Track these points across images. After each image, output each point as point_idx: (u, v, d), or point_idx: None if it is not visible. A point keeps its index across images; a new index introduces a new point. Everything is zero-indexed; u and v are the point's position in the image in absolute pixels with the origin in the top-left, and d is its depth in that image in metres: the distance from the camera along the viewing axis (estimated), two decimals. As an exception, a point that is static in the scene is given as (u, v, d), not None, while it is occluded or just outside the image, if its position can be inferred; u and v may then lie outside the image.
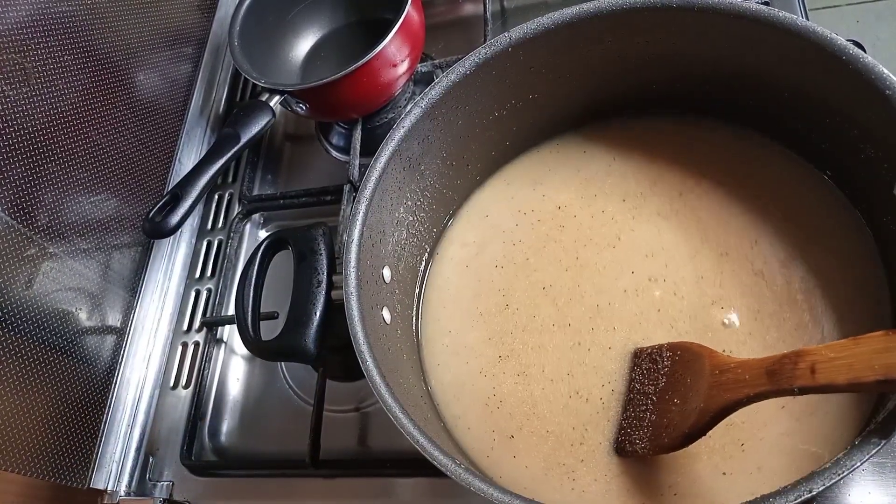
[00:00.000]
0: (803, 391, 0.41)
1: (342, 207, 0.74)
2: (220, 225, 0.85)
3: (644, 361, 0.54)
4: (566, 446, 0.55)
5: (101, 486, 0.70)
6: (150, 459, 0.72)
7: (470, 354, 0.60)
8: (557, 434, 0.55)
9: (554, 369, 0.58)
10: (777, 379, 0.42)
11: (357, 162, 0.78)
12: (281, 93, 0.75)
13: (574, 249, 0.63)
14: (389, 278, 0.59)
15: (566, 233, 0.64)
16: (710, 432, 0.47)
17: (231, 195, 0.87)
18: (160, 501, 0.70)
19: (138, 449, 0.73)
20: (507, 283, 0.63)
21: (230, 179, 0.88)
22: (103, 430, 0.71)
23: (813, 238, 0.57)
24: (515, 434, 0.56)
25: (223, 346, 0.78)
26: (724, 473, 0.51)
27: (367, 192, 0.55)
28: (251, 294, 0.62)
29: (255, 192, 0.86)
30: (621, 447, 0.53)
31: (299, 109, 0.78)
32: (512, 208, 0.66)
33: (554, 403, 0.57)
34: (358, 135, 0.80)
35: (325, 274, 0.60)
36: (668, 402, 0.50)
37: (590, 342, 0.58)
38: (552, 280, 0.62)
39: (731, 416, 0.46)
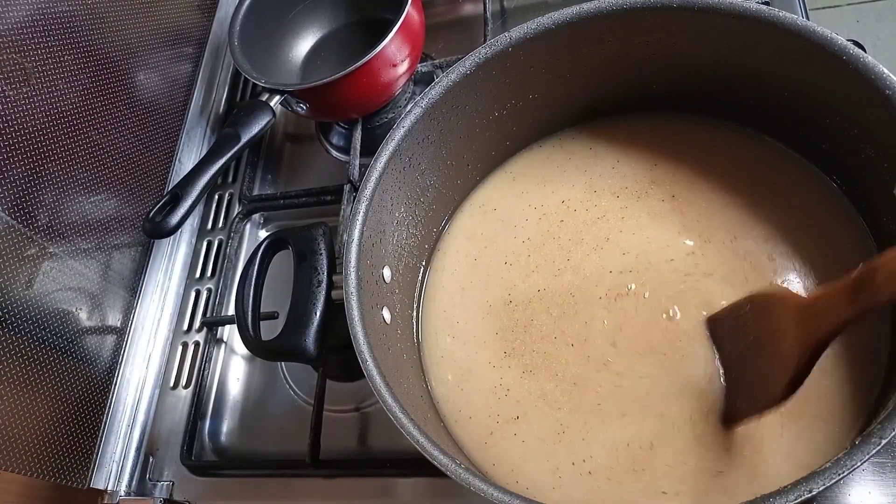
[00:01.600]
0: (892, 301, 0.40)
1: (342, 207, 0.74)
2: (220, 225, 0.85)
3: (725, 325, 0.53)
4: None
5: (101, 486, 0.70)
6: (151, 459, 0.72)
7: (479, 345, 0.60)
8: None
9: (567, 375, 0.57)
10: (864, 296, 0.41)
11: (357, 162, 0.78)
12: (281, 93, 0.75)
13: (568, 248, 0.63)
14: (389, 278, 0.59)
15: (565, 229, 0.64)
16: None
17: (231, 195, 0.87)
18: (160, 501, 0.70)
19: (138, 449, 0.73)
20: (512, 280, 0.63)
21: (230, 179, 0.88)
22: (103, 430, 0.71)
23: (811, 239, 0.57)
24: (521, 416, 0.56)
25: (223, 346, 0.78)
26: (720, 472, 0.51)
27: (367, 192, 0.55)
28: (251, 294, 0.62)
29: (256, 192, 0.86)
30: (731, 415, 0.51)
31: (299, 109, 0.78)
32: (522, 203, 0.66)
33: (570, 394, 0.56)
34: (358, 135, 0.80)
35: (326, 274, 0.59)
36: (762, 356, 0.49)
37: (609, 373, 0.57)
38: (546, 283, 0.62)
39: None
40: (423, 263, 0.65)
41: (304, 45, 0.89)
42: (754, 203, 0.60)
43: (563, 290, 0.61)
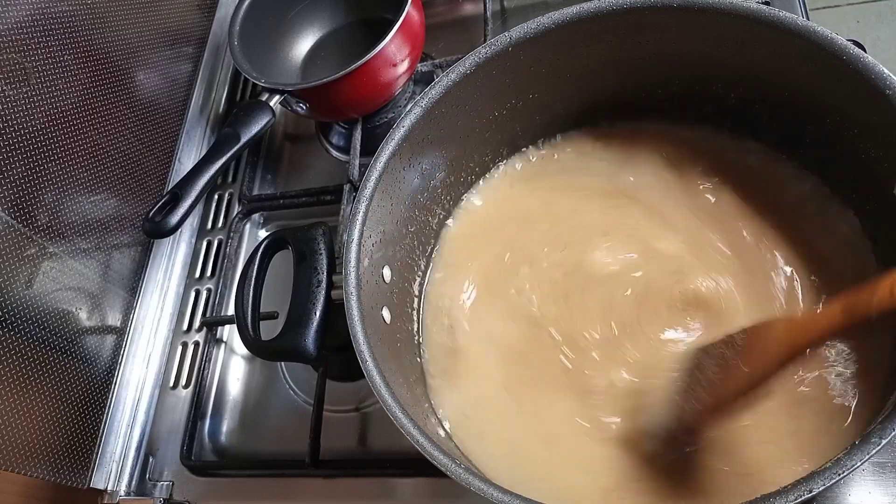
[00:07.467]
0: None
1: (342, 207, 0.74)
2: (219, 225, 0.85)
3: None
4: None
5: (101, 486, 0.70)
6: (150, 459, 0.72)
7: (479, 344, 0.60)
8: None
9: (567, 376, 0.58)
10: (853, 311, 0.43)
11: (357, 162, 0.78)
12: (281, 92, 0.75)
13: (567, 248, 0.63)
14: (389, 278, 0.59)
15: (564, 228, 0.64)
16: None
17: (231, 195, 0.87)
18: (160, 501, 0.69)
19: (138, 449, 0.73)
20: (511, 279, 0.62)
21: (230, 179, 0.88)
22: (103, 430, 0.71)
23: (808, 240, 0.57)
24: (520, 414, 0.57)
25: (223, 345, 0.78)
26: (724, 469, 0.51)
27: (367, 192, 0.55)
28: (251, 294, 0.62)
29: (255, 192, 0.86)
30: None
31: (299, 109, 0.77)
32: (522, 203, 0.66)
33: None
34: (358, 134, 0.80)
35: (325, 274, 0.59)
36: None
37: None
38: (546, 283, 0.62)
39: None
40: (423, 263, 0.65)
41: (304, 44, 0.89)
42: (750, 202, 0.60)
43: (563, 288, 0.61)
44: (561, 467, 0.54)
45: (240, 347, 0.77)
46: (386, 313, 0.57)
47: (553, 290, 0.61)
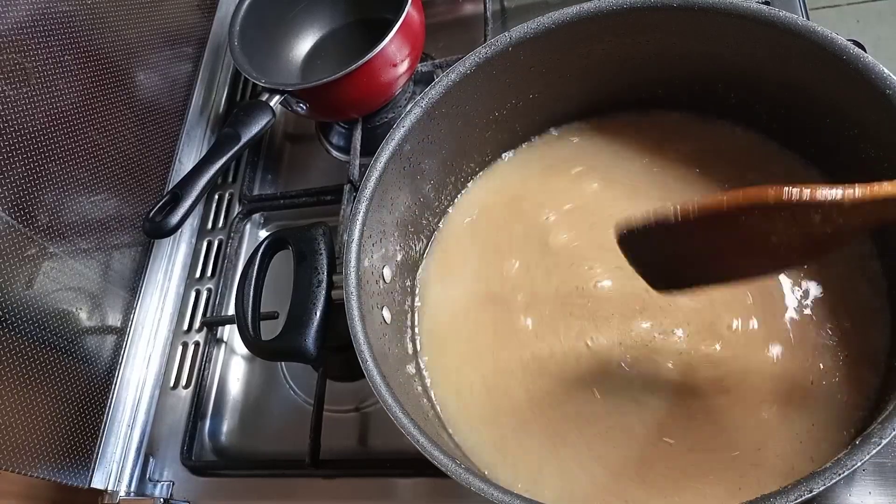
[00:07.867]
0: None
1: (342, 207, 0.74)
2: (220, 225, 0.85)
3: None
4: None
5: (101, 486, 0.70)
6: (151, 459, 0.72)
7: (478, 343, 0.60)
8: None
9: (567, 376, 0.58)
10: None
11: (357, 162, 0.78)
12: (281, 93, 0.75)
13: (565, 246, 0.63)
14: (389, 278, 0.59)
15: (563, 226, 0.64)
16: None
17: (231, 195, 0.87)
18: (160, 501, 0.69)
19: (138, 449, 0.73)
20: (510, 279, 0.63)
21: (230, 179, 0.88)
22: (103, 430, 0.71)
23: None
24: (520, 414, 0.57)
25: (223, 346, 0.78)
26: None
27: (368, 192, 0.55)
28: (251, 294, 0.62)
29: (256, 192, 0.86)
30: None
31: (299, 109, 0.78)
32: (520, 202, 0.66)
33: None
34: (358, 134, 0.80)
35: (326, 274, 0.59)
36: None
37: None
38: (544, 282, 0.62)
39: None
40: (424, 262, 0.65)
41: (304, 44, 0.89)
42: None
43: (560, 287, 0.61)
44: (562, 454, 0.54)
45: (240, 347, 0.77)
46: (386, 313, 0.57)
47: (555, 281, 0.61)
